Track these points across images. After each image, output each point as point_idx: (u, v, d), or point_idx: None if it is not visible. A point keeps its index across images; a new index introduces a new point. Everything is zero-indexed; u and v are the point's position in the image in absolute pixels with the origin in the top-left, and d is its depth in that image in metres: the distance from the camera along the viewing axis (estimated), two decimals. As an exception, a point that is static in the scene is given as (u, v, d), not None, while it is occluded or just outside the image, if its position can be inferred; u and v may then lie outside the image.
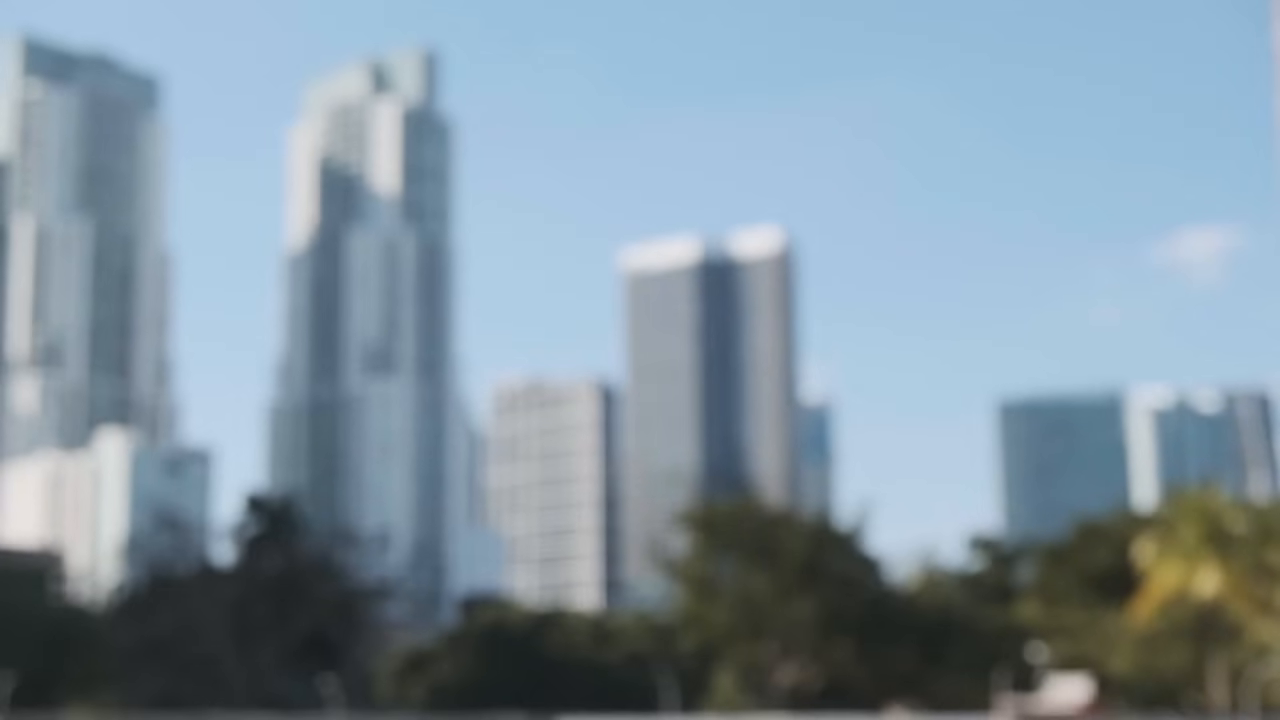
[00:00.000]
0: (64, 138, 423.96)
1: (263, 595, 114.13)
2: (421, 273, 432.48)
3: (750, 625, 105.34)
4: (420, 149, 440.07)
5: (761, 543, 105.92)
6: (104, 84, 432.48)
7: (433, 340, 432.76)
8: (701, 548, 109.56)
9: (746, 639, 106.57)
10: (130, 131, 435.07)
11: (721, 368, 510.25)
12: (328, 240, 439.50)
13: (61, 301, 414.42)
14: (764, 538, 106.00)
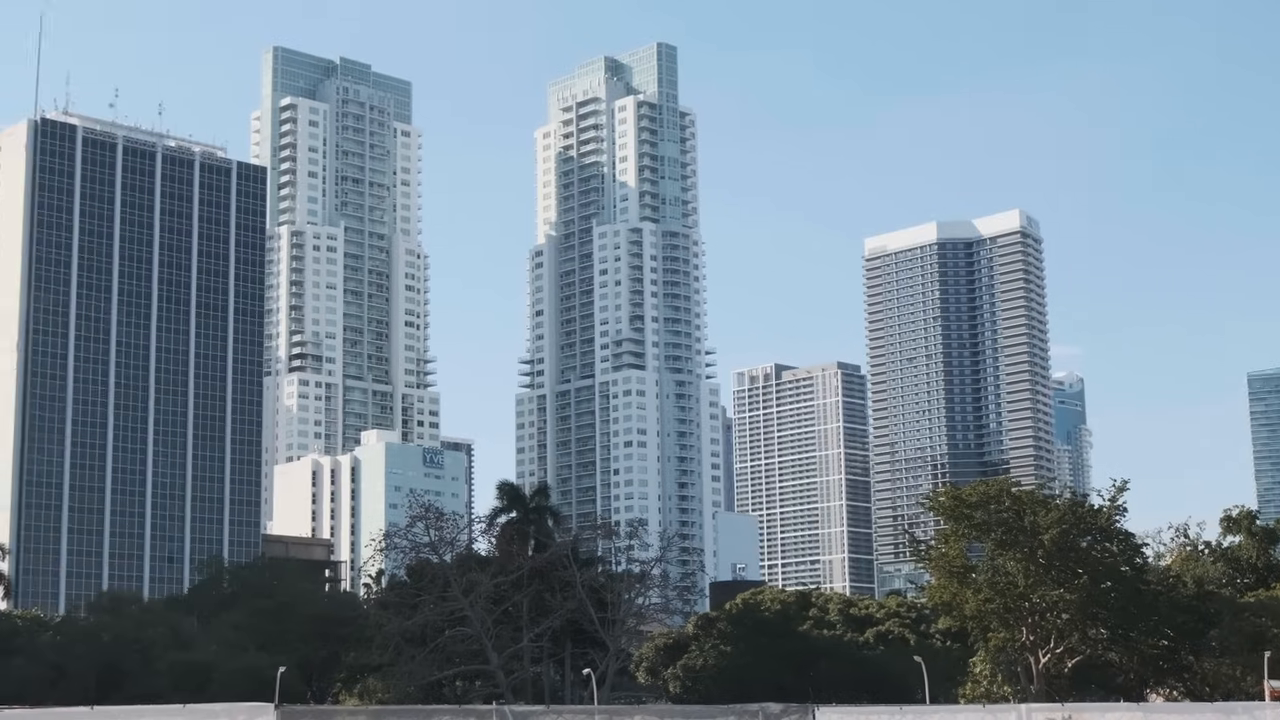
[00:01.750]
0: (319, 145, 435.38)
1: (519, 584, 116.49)
2: (665, 264, 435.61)
3: (1005, 609, 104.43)
4: (660, 143, 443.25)
5: (1014, 525, 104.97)
6: (356, 91, 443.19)
7: (678, 330, 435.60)
8: (952, 531, 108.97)
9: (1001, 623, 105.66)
10: (382, 136, 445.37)
11: (966, 350, 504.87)
12: (573, 235, 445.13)
13: (321, 305, 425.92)
14: (1016, 520, 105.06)
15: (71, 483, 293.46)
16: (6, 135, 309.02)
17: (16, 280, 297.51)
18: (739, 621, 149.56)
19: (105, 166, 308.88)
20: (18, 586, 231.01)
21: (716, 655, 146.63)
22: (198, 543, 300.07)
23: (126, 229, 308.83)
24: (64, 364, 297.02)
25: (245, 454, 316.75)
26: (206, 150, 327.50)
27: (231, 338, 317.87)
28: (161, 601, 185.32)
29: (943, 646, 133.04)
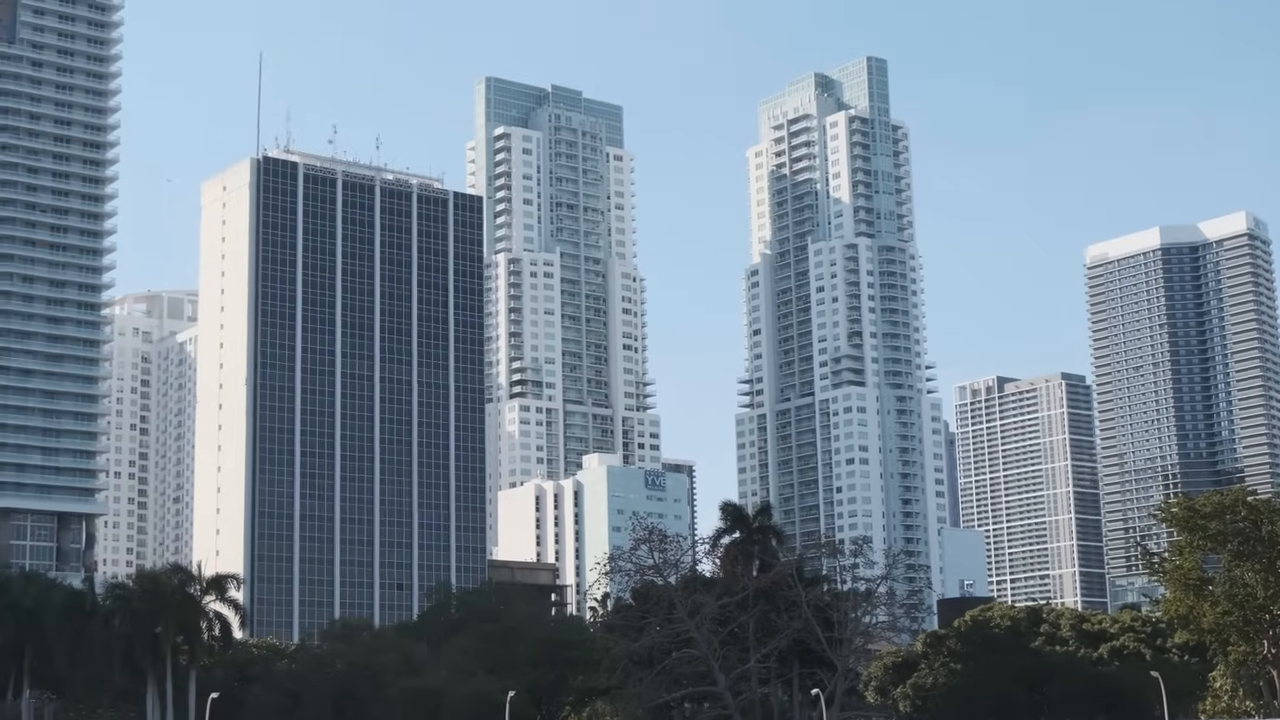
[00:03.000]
0: (533, 173, 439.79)
1: (745, 604, 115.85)
2: (882, 279, 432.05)
3: (1244, 621, 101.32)
4: (873, 157, 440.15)
5: (1251, 535, 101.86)
6: (568, 118, 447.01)
7: (897, 345, 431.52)
8: (1186, 543, 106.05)
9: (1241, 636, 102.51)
10: (595, 161, 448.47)
11: (1195, 356, 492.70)
12: (788, 253, 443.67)
13: (539, 331, 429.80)
14: (1253, 529, 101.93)
15: (302, 513, 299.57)
16: (231, 174, 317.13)
17: (244, 316, 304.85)
18: (968, 639, 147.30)
19: (326, 201, 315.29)
20: (253, 616, 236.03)
21: (946, 673, 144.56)
22: (425, 569, 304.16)
23: (348, 262, 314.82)
24: (291, 397, 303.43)
25: (469, 481, 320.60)
26: (424, 182, 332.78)
27: (453, 366, 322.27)
28: (392, 628, 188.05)
29: (1180, 661, 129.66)
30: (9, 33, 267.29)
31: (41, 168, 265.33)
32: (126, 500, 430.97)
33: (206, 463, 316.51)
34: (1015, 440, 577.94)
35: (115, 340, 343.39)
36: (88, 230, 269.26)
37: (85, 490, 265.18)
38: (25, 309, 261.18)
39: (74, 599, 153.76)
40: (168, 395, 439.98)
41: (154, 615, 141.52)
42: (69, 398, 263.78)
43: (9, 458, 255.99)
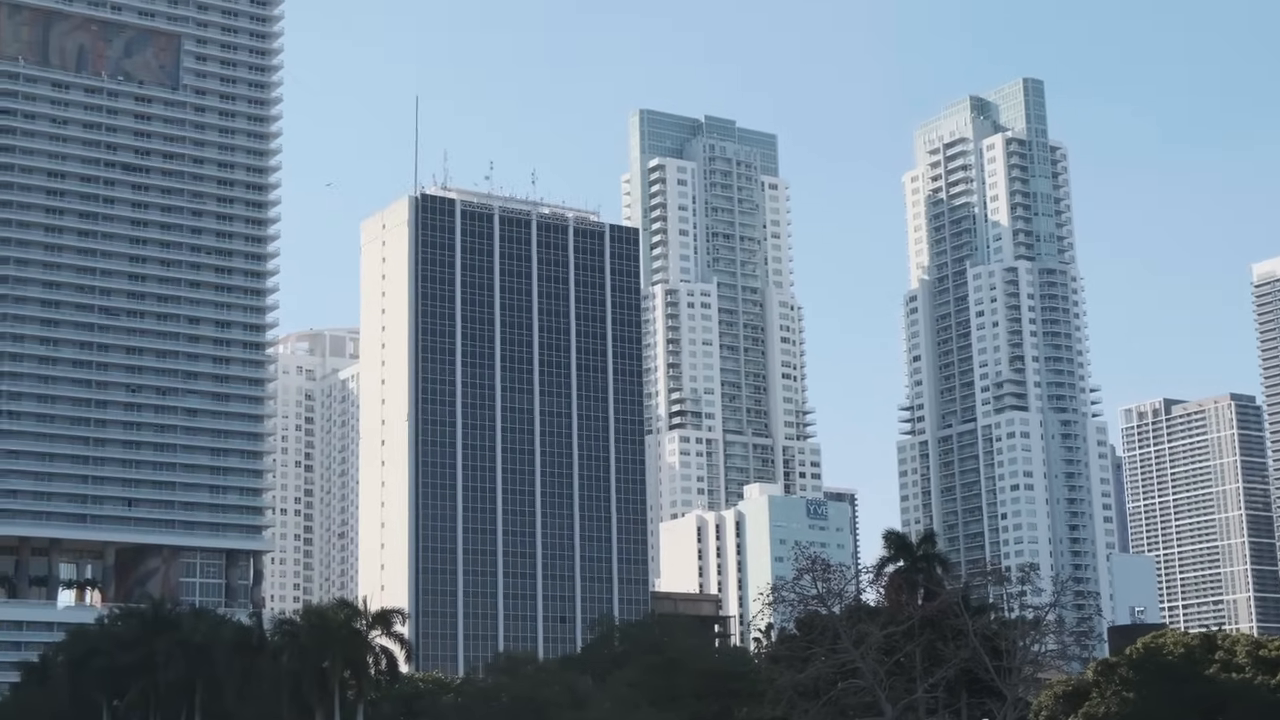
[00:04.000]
0: (688, 204, 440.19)
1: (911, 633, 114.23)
2: (1043, 302, 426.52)
3: None
4: (1032, 179, 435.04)
5: None
6: (722, 148, 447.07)
7: (1060, 369, 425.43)
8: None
9: None
10: (750, 191, 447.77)
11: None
12: (946, 278, 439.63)
13: (698, 361, 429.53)
14: None
15: (465, 547, 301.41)
16: (390, 212, 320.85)
17: (405, 352, 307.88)
18: (1141, 666, 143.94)
19: (483, 237, 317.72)
20: (418, 650, 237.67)
21: (1119, 702, 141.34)
22: (588, 602, 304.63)
23: (506, 296, 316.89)
24: (452, 431, 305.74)
25: (631, 513, 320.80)
26: (579, 215, 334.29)
27: (612, 398, 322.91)
28: (556, 661, 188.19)
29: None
30: (172, 79, 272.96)
31: (206, 210, 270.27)
32: (293, 536, 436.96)
33: (370, 498, 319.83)
34: (1184, 463, 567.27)
35: (279, 379, 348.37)
36: (251, 271, 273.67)
37: (252, 527, 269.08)
38: (192, 349, 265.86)
39: (243, 635, 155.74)
40: (331, 432, 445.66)
41: (321, 650, 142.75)
42: (236, 436, 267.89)
43: (179, 496, 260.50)
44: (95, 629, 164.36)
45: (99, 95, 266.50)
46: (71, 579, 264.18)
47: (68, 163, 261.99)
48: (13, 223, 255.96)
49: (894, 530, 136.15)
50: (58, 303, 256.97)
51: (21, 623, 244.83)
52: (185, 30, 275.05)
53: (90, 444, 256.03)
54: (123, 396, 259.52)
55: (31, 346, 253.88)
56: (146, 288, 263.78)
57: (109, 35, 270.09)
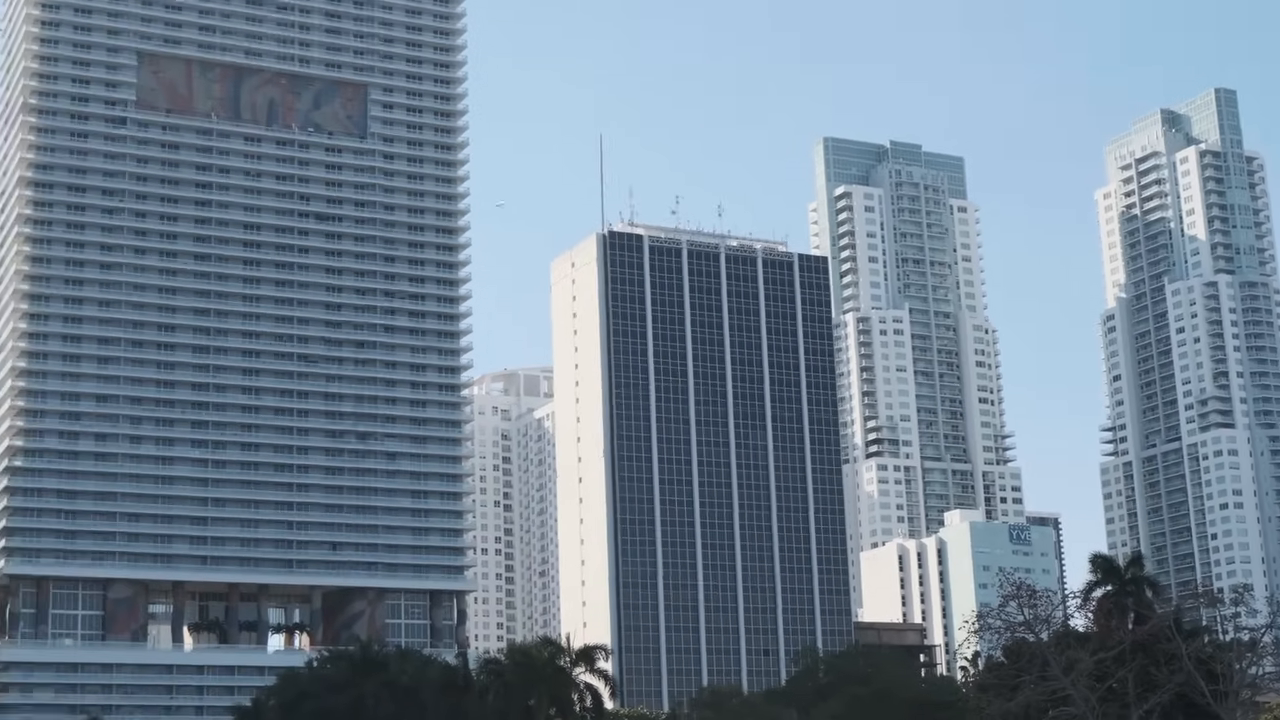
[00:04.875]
0: (876, 230, 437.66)
1: (1122, 659, 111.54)
2: (1245, 316, 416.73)
3: None
4: (1228, 191, 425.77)
5: None
6: (909, 173, 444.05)
7: (1266, 384, 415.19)
8: None
9: None
10: (939, 215, 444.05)
11: None
12: (1144, 295, 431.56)
13: (893, 389, 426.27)
14: None
15: (665, 582, 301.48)
16: (579, 251, 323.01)
17: (599, 389, 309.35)
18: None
19: (672, 272, 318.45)
20: (622, 686, 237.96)
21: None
22: (791, 634, 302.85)
23: (697, 330, 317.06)
24: (649, 467, 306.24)
25: (830, 543, 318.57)
26: (767, 246, 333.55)
27: (807, 428, 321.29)
28: (760, 694, 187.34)
29: None
30: (360, 128, 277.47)
31: (398, 255, 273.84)
32: (494, 575, 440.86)
33: (569, 536, 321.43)
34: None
35: (476, 420, 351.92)
36: (444, 314, 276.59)
37: (455, 568, 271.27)
38: (389, 393, 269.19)
39: (449, 675, 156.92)
40: (529, 471, 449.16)
41: (526, 688, 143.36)
42: (435, 478, 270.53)
43: (382, 539, 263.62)
44: (305, 672, 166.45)
45: (290, 147, 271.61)
46: (280, 623, 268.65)
47: (262, 214, 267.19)
48: (211, 275, 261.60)
49: (1101, 553, 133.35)
50: (258, 352, 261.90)
51: (233, 667, 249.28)
52: (371, 80, 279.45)
53: (294, 490, 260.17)
54: (323, 442, 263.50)
55: (234, 396, 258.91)
56: (342, 334, 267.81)
57: (298, 88, 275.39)
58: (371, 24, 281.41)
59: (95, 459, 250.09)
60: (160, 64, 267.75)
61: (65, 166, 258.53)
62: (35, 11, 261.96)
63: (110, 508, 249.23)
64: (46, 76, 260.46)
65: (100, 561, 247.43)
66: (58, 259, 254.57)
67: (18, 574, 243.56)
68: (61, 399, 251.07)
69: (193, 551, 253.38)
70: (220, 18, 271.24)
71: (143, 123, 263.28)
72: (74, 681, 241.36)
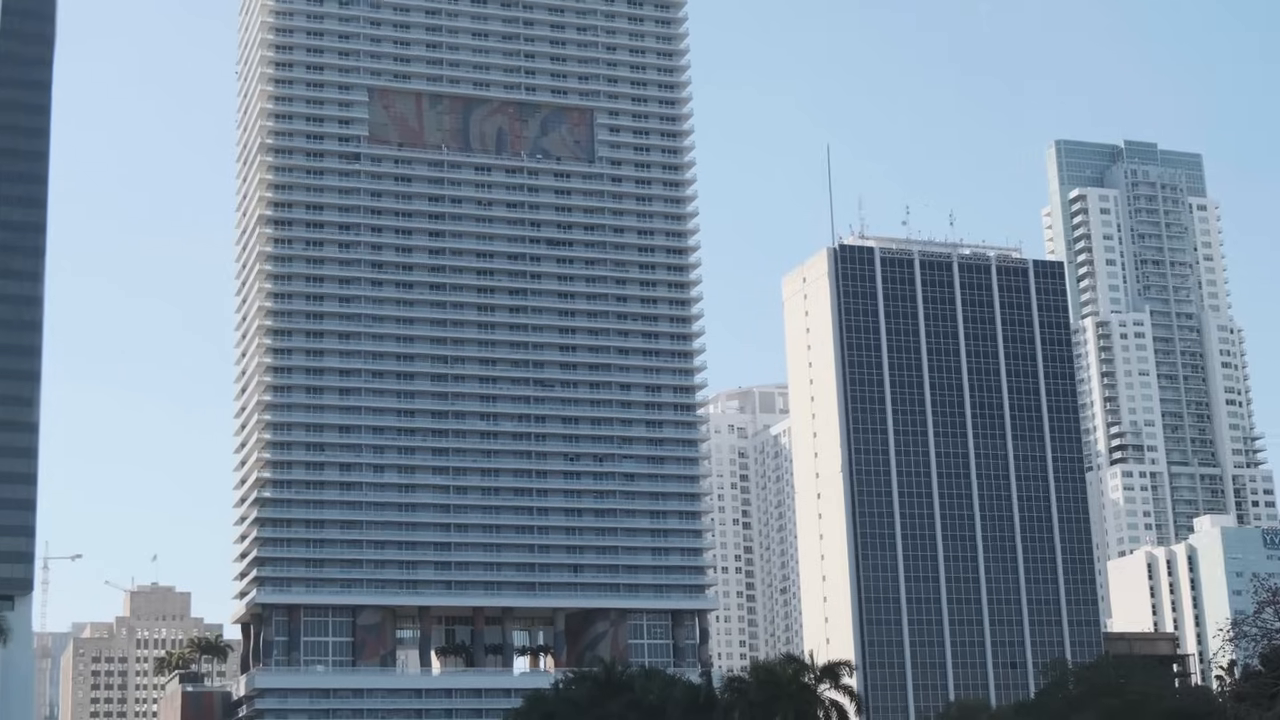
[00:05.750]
0: (1112, 232, 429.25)
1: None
2: None
3: None
4: None
5: None
6: (1145, 173, 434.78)
7: None
8: None
9: None
10: (1177, 214, 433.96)
11: None
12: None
13: (1135, 393, 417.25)
14: None
15: (908, 596, 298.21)
16: (810, 266, 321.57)
17: (834, 404, 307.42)
18: None
19: (905, 283, 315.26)
20: (868, 702, 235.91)
21: None
22: (1038, 645, 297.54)
23: (932, 341, 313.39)
24: (887, 480, 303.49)
25: (1076, 552, 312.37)
26: (1001, 253, 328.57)
27: (1048, 436, 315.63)
28: (1009, 707, 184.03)
29: None
30: (588, 153, 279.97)
31: (629, 278, 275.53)
32: (735, 594, 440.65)
33: (809, 552, 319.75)
34: None
35: (712, 438, 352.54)
36: (677, 334, 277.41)
37: (696, 587, 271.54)
38: (625, 415, 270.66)
39: (692, 694, 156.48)
40: (766, 488, 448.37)
41: (770, 705, 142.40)
42: (673, 498, 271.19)
43: (622, 560, 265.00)
44: (551, 693, 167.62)
45: (519, 175, 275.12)
46: (525, 645, 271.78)
47: (494, 242, 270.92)
48: (447, 304, 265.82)
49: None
50: (495, 378, 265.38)
51: (481, 690, 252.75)
52: (597, 104, 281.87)
53: (534, 514, 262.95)
54: (562, 465, 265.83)
55: (472, 423, 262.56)
56: (577, 358, 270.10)
57: (525, 116, 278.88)
58: (595, 49, 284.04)
59: (340, 489, 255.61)
60: (391, 99, 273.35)
61: (303, 204, 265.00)
62: (270, 54, 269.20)
63: (356, 536, 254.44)
64: (282, 116, 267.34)
65: (348, 589, 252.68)
66: (298, 294, 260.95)
67: (270, 603, 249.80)
68: (306, 430, 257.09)
69: (437, 577, 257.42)
70: (448, 50, 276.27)
71: (376, 157, 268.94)
72: (326, 707, 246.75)
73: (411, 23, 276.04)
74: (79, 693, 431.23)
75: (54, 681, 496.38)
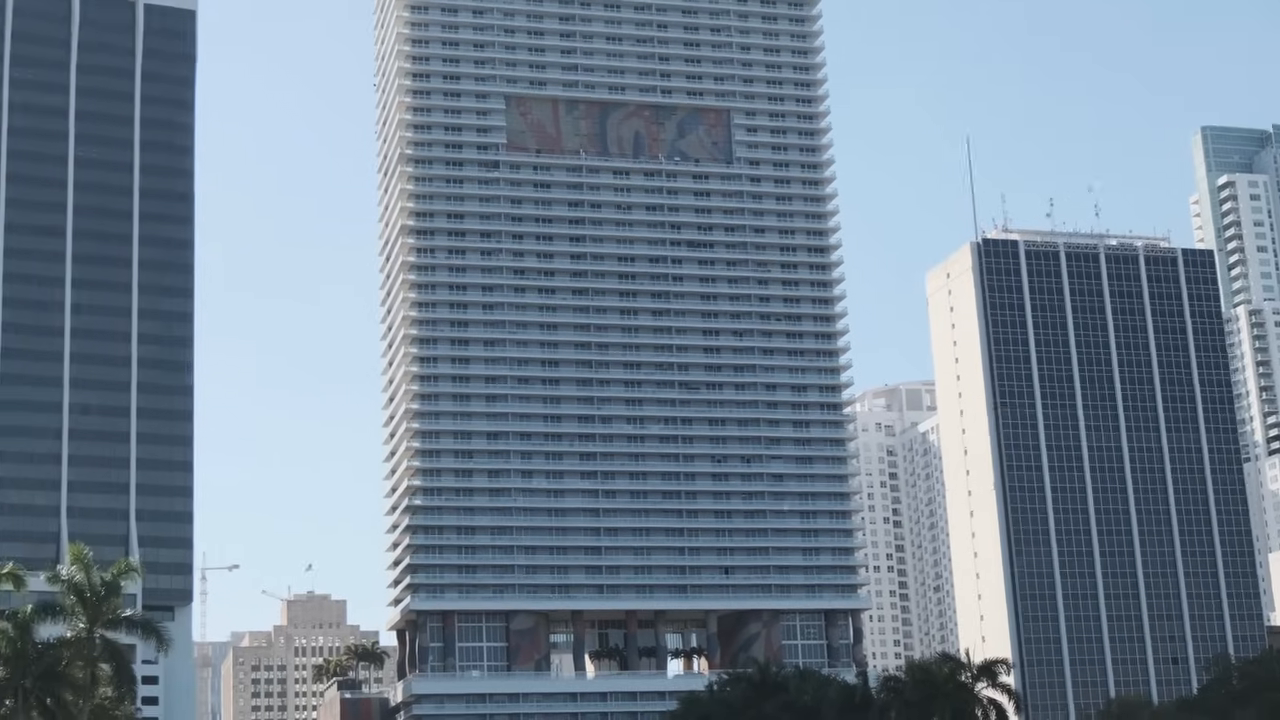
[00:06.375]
0: (1263, 219, 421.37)
1: None
2: None
3: None
4: None
5: None
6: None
7: None
8: None
9: None
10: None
11: None
12: None
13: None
14: None
15: (1064, 592, 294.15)
16: (953, 262, 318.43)
17: (982, 399, 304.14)
18: None
19: (1050, 276, 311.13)
20: (1026, 700, 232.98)
21: None
22: (1199, 640, 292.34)
23: (1080, 334, 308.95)
24: (1039, 475, 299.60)
25: (1235, 545, 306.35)
26: (1149, 243, 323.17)
27: (1203, 428, 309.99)
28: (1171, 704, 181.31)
29: None
30: (725, 154, 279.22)
31: (771, 278, 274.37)
32: (888, 593, 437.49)
33: (962, 550, 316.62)
34: None
35: (859, 437, 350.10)
36: (821, 333, 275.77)
37: (848, 586, 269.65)
38: (771, 416, 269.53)
39: (848, 694, 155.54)
40: (916, 486, 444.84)
41: (927, 705, 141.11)
42: (822, 498, 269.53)
43: (773, 561, 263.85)
44: (705, 696, 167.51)
45: (658, 178, 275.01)
46: (678, 648, 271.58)
47: (635, 246, 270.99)
48: (590, 309, 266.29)
49: None
50: (639, 381, 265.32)
51: (635, 693, 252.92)
52: (733, 105, 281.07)
53: (683, 516, 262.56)
54: (709, 467, 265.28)
55: (619, 426, 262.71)
56: (721, 359, 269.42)
57: (661, 119, 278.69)
58: (730, 49, 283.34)
59: (490, 495, 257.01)
60: (527, 105, 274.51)
61: (444, 213, 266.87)
62: (406, 65, 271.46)
63: (507, 541, 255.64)
64: (420, 127, 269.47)
65: (501, 595, 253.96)
66: (442, 303, 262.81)
67: (424, 609, 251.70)
68: (454, 438, 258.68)
69: (589, 581, 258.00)
70: (583, 56, 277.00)
71: (514, 164, 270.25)
72: (483, 712, 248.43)
73: (546, 29, 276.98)
74: (240, 701, 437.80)
75: (215, 690, 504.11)
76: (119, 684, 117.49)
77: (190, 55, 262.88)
